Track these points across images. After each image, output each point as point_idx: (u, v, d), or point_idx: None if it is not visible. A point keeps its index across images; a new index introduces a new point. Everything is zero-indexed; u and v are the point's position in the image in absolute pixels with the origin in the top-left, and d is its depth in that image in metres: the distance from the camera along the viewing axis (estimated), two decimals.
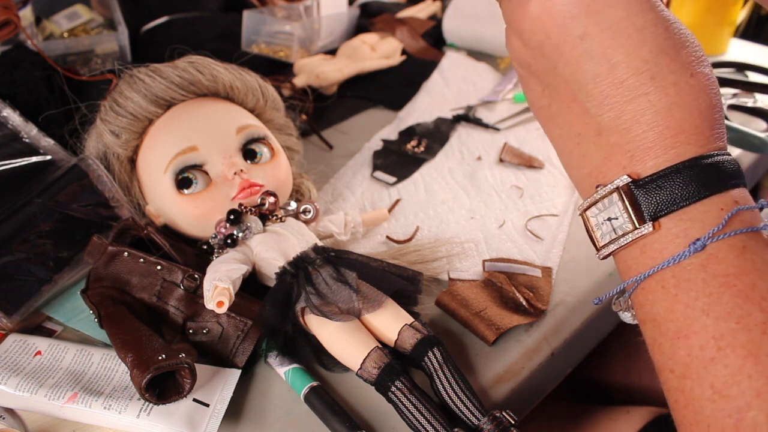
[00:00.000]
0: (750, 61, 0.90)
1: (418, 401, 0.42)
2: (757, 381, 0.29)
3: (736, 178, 0.34)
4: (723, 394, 0.30)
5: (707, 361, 0.31)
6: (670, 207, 0.33)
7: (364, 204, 0.67)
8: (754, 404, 0.29)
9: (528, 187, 0.70)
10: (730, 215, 0.32)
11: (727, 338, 0.30)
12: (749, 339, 0.30)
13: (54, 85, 0.68)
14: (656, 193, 0.34)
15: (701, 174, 0.33)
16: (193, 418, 0.43)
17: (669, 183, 0.34)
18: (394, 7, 1.11)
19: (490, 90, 0.90)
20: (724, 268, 0.32)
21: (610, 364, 0.78)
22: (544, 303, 0.54)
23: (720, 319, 0.31)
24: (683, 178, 0.33)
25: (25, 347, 0.48)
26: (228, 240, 0.52)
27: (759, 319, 0.30)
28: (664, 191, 0.34)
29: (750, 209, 0.33)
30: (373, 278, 0.49)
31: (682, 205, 0.33)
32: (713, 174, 0.33)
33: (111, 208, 0.56)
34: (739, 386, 0.30)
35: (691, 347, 0.32)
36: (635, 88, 0.35)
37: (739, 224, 0.32)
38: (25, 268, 0.52)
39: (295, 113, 0.70)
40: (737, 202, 0.33)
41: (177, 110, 0.57)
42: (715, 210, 0.33)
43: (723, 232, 0.32)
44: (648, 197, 0.34)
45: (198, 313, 0.49)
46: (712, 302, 0.31)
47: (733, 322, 0.31)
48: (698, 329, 0.32)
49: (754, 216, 0.33)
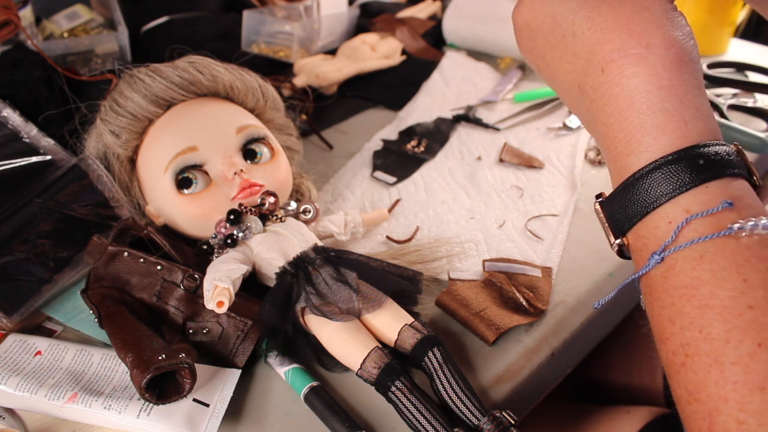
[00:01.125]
0: (750, 61, 0.90)
1: (418, 401, 0.42)
2: (723, 388, 0.29)
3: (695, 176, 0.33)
4: (695, 398, 0.31)
5: (679, 366, 0.32)
6: (629, 223, 0.35)
7: (364, 204, 0.67)
8: (722, 409, 0.29)
9: (528, 187, 0.70)
10: (679, 227, 0.32)
11: (692, 347, 0.31)
12: (712, 348, 0.30)
13: (54, 85, 0.68)
14: (617, 210, 0.35)
15: (647, 186, 0.33)
16: (193, 418, 0.43)
17: (624, 198, 0.35)
18: (394, 7, 1.11)
19: (490, 90, 0.90)
20: (682, 279, 0.32)
21: (610, 364, 0.78)
22: (544, 303, 0.54)
23: (684, 328, 0.32)
24: (633, 192, 0.34)
25: (25, 347, 0.48)
26: (228, 240, 0.52)
27: (720, 329, 0.30)
28: (622, 207, 0.35)
29: (708, 215, 0.32)
30: (373, 278, 0.49)
31: (634, 221, 0.34)
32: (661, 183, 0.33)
33: (111, 208, 0.56)
34: (707, 392, 0.30)
35: (667, 352, 0.33)
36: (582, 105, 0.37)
37: (693, 234, 0.32)
38: (25, 268, 0.52)
39: (295, 113, 0.70)
40: (688, 211, 0.32)
41: (177, 110, 0.57)
42: (663, 225, 0.33)
43: (674, 244, 0.32)
44: (613, 214, 0.36)
45: (198, 313, 0.49)
46: (676, 312, 0.32)
47: (696, 331, 0.31)
48: (669, 336, 0.33)
49: (716, 220, 0.32)
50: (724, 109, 0.75)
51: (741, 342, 0.29)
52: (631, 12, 0.35)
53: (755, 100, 0.81)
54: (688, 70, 0.34)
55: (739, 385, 0.29)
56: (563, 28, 0.36)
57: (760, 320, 0.30)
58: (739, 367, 0.29)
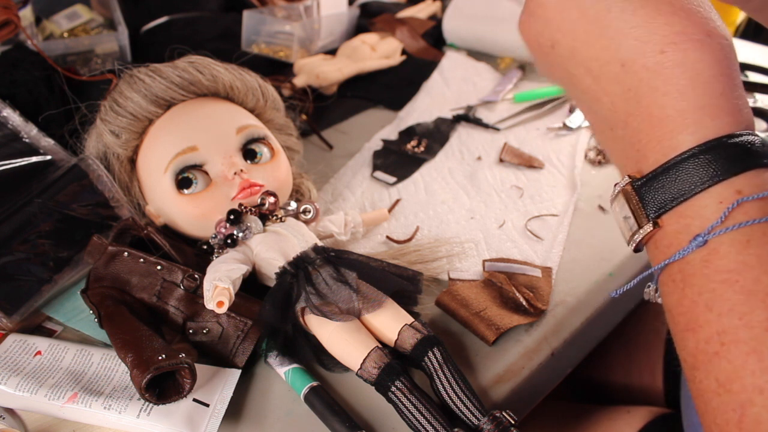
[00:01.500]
0: (750, 61, 0.90)
1: (418, 401, 0.42)
2: (760, 378, 0.29)
3: (746, 160, 0.32)
4: (727, 389, 0.30)
5: (712, 355, 0.31)
6: (670, 203, 0.33)
7: (364, 204, 0.67)
8: (756, 401, 0.29)
9: (528, 187, 0.70)
10: (730, 208, 0.31)
11: (730, 334, 0.30)
12: (752, 336, 0.30)
13: (54, 85, 0.68)
14: (657, 191, 0.34)
15: (698, 165, 0.32)
16: (193, 418, 0.43)
17: (667, 178, 0.33)
18: (394, 7, 1.11)
19: (490, 90, 0.90)
20: (726, 263, 0.31)
21: (610, 364, 0.78)
22: (544, 303, 0.54)
23: (722, 315, 0.31)
24: (680, 172, 0.33)
25: (25, 347, 0.48)
26: (228, 240, 0.52)
27: (762, 316, 0.30)
28: (664, 188, 0.33)
29: (758, 198, 0.31)
30: (373, 278, 0.49)
31: (680, 200, 0.33)
32: (713, 163, 0.32)
33: (111, 208, 0.56)
34: (742, 382, 0.29)
35: (698, 341, 0.32)
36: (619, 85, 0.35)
37: (742, 216, 0.31)
38: (25, 268, 0.52)
39: (295, 113, 0.70)
40: (740, 192, 0.32)
41: (177, 110, 0.57)
42: (713, 204, 0.32)
43: (723, 226, 0.31)
44: (650, 195, 0.34)
45: (198, 313, 0.49)
46: (715, 298, 0.31)
47: (736, 318, 0.30)
48: (703, 324, 0.32)
49: (762, 206, 0.32)
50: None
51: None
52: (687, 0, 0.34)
53: (755, 100, 0.81)
54: (735, 61, 0.34)
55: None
56: (609, 2, 0.35)
57: None
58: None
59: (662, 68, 0.33)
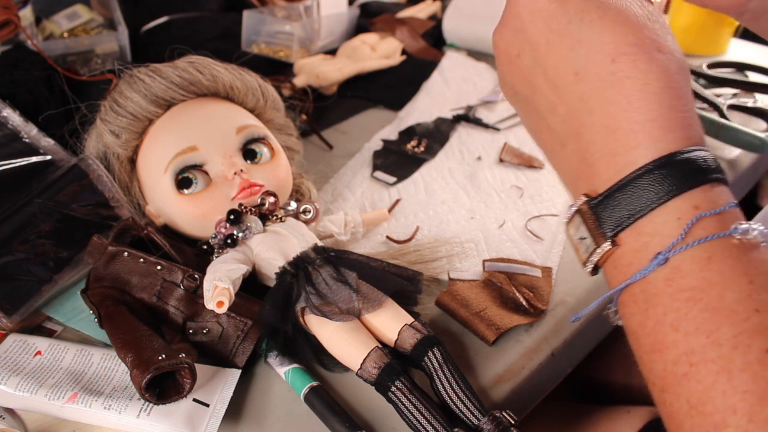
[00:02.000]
0: (750, 61, 0.90)
1: (418, 401, 0.42)
2: (732, 397, 0.28)
3: (700, 175, 0.32)
4: (699, 410, 0.29)
5: (681, 377, 0.30)
6: (627, 220, 0.33)
7: (364, 204, 0.67)
8: (730, 421, 0.28)
9: (528, 187, 0.70)
10: (690, 224, 0.31)
11: (698, 354, 0.30)
12: (720, 354, 0.29)
13: (54, 85, 0.68)
14: (613, 208, 0.33)
15: (653, 181, 0.32)
16: (193, 418, 0.43)
17: (623, 195, 0.33)
18: (394, 7, 1.11)
19: (490, 90, 0.90)
20: (689, 281, 0.31)
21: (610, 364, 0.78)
22: (544, 303, 0.54)
23: (689, 334, 0.30)
24: (636, 188, 0.32)
25: (25, 347, 0.48)
26: (228, 240, 0.52)
27: (729, 334, 0.29)
28: (620, 205, 0.33)
29: (716, 213, 0.31)
30: (373, 278, 0.49)
31: (638, 216, 0.32)
32: (668, 178, 0.32)
33: (111, 208, 0.56)
34: (714, 403, 0.29)
35: (666, 362, 0.31)
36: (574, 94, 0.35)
37: (702, 232, 0.31)
38: (25, 268, 0.52)
39: (295, 113, 0.70)
40: (698, 208, 0.31)
41: (177, 110, 0.57)
42: (672, 220, 0.31)
43: (683, 243, 0.31)
44: (606, 213, 0.34)
45: (198, 313, 0.49)
46: (680, 317, 0.30)
47: (703, 337, 0.29)
48: (669, 345, 0.31)
49: (722, 220, 0.31)
50: (724, 109, 0.75)
51: (749, 347, 0.28)
52: (642, 16, 0.35)
53: (755, 100, 0.81)
54: (688, 76, 0.35)
55: (748, 394, 0.28)
56: (570, 15, 0.36)
57: (766, 324, 0.29)
58: (748, 374, 0.28)
59: (613, 78, 0.34)
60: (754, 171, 0.80)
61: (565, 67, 0.36)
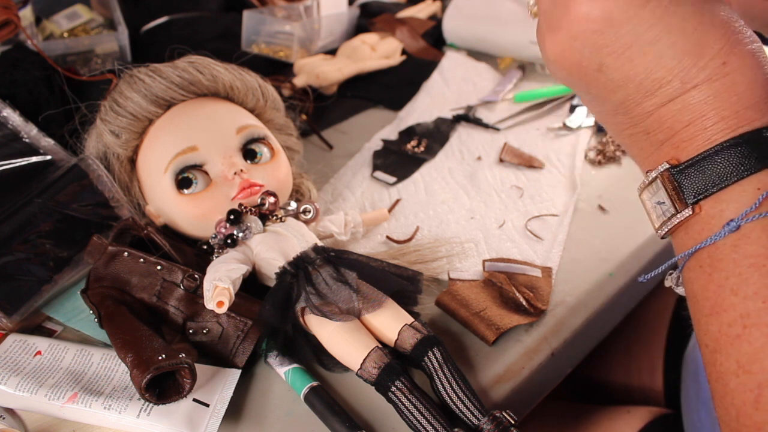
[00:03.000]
0: None
1: (418, 401, 0.42)
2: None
3: None
4: (746, 370, 0.31)
5: (734, 338, 0.32)
6: (710, 189, 0.34)
7: (364, 204, 0.67)
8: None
9: (528, 187, 0.70)
10: (764, 195, 0.32)
11: (753, 317, 0.31)
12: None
13: (54, 85, 0.68)
14: (696, 177, 0.35)
15: (740, 153, 0.33)
16: (193, 418, 0.43)
17: (708, 165, 0.34)
18: (394, 7, 1.11)
19: (490, 90, 0.90)
20: (755, 248, 0.32)
21: (610, 364, 0.78)
22: (544, 303, 0.54)
23: (747, 298, 0.32)
24: (721, 159, 0.34)
25: (25, 347, 0.48)
26: (228, 240, 0.52)
27: None
28: (703, 174, 0.34)
29: None
30: (373, 278, 0.49)
31: (721, 186, 0.34)
32: (753, 152, 0.33)
33: (111, 208, 0.56)
34: (761, 363, 0.31)
35: (721, 324, 0.33)
36: (668, 94, 0.36)
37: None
38: (25, 268, 0.52)
39: (295, 113, 0.70)
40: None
41: (177, 110, 0.57)
42: (751, 190, 0.33)
43: (757, 212, 0.32)
44: (689, 181, 0.35)
45: (198, 313, 0.49)
46: (741, 282, 0.32)
47: (760, 301, 0.31)
48: (727, 307, 0.33)
49: None
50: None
51: None
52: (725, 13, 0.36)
53: None
54: None
55: None
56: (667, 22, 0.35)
57: None
58: None
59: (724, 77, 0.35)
60: None
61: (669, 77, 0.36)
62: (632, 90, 0.37)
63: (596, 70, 0.37)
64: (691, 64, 0.35)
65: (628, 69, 0.36)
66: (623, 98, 0.37)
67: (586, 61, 0.37)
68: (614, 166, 0.73)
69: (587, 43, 0.37)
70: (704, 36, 0.35)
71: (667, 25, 0.35)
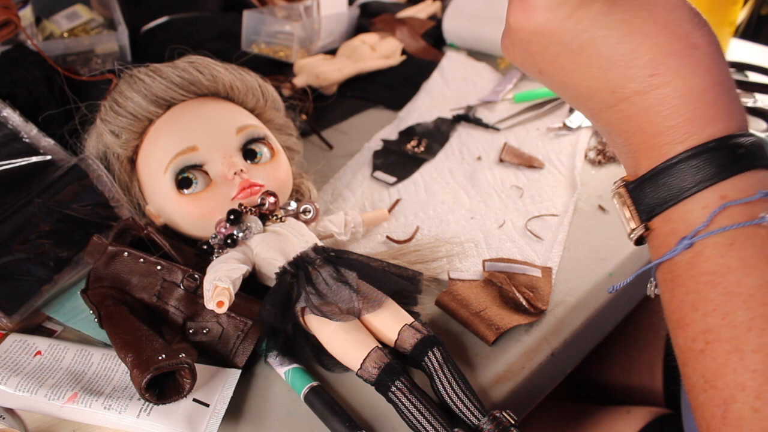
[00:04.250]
0: (750, 61, 0.90)
1: (418, 401, 0.42)
2: (742, 375, 0.30)
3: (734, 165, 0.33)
4: (712, 385, 0.31)
5: (698, 353, 0.32)
6: (660, 207, 0.35)
7: (364, 204, 0.67)
8: (738, 397, 0.30)
9: (528, 187, 0.70)
10: (714, 213, 0.32)
11: (714, 333, 0.31)
12: (734, 335, 0.31)
13: (54, 85, 0.68)
14: (647, 195, 0.35)
15: (685, 171, 0.33)
16: (193, 418, 0.43)
17: (657, 182, 0.35)
18: (394, 7, 1.11)
19: (490, 90, 0.90)
20: (709, 266, 0.32)
21: (610, 364, 0.78)
22: (544, 303, 0.54)
23: (707, 315, 0.32)
24: (668, 177, 0.34)
25: (25, 347, 0.48)
26: (228, 240, 0.52)
27: (744, 317, 0.31)
28: (654, 192, 0.35)
29: (743, 203, 0.32)
30: (373, 278, 0.49)
31: (669, 205, 0.34)
32: (700, 169, 0.33)
33: (111, 208, 0.56)
34: (725, 379, 0.31)
35: (686, 338, 0.33)
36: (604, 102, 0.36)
37: (726, 220, 0.32)
38: (25, 268, 0.52)
39: (295, 113, 0.70)
40: (725, 198, 0.33)
41: (177, 110, 0.57)
42: (697, 209, 0.33)
43: (707, 230, 0.33)
44: (641, 199, 0.36)
45: (198, 313, 0.49)
46: (699, 298, 0.32)
47: (719, 318, 0.31)
48: (690, 322, 0.33)
49: (749, 209, 0.32)
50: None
51: (763, 331, 0.30)
52: (667, 13, 0.35)
53: (755, 100, 0.81)
54: (726, 64, 0.35)
55: (758, 373, 0.29)
56: (591, 33, 0.35)
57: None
58: (760, 355, 0.30)
59: (653, 89, 0.34)
60: None
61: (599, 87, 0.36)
62: (573, 94, 0.38)
63: (538, 72, 0.39)
64: (618, 75, 0.35)
65: (562, 76, 0.37)
66: (570, 101, 0.38)
67: (527, 65, 0.39)
68: (614, 166, 0.73)
69: (523, 50, 0.38)
70: (631, 46, 0.34)
71: (591, 35, 0.35)
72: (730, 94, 0.35)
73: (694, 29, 0.35)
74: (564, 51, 0.36)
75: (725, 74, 0.35)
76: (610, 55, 0.35)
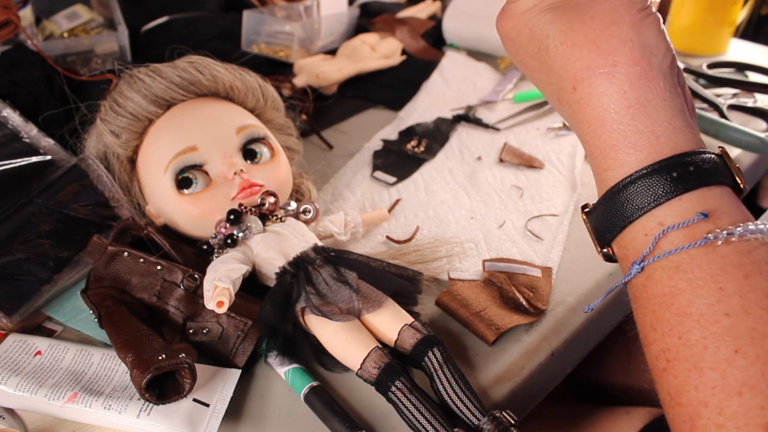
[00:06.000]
0: (750, 61, 0.90)
1: (418, 401, 0.42)
2: (703, 392, 0.30)
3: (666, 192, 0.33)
4: (677, 402, 0.32)
5: (661, 371, 0.33)
6: (610, 234, 0.36)
7: (364, 204, 0.67)
8: (702, 413, 0.30)
9: (528, 187, 0.70)
10: (655, 239, 0.33)
11: (673, 352, 0.32)
12: (691, 354, 0.31)
13: (54, 85, 0.68)
14: (600, 221, 0.37)
15: (624, 199, 0.34)
16: (193, 418, 0.43)
17: (603, 212, 0.36)
18: (394, 7, 1.11)
19: (490, 90, 0.90)
20: (660, 288, 0.33)
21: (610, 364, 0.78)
22: (544, 303, 0.54)
23: (665, 334, 0.33)
24: (611, 207, 0.35)
25: (25, 347, 0.48)
26: (228, 240, 0.52)
27: (698, 336, 0.31)
28: (604, 219, 0.36)
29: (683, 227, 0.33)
30: (373, 278, 0.49)
31: (615, 233, 0.36)
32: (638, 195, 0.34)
33: (111, 208, 0.56)
34: (688, 396, 0.31)
35: (650, 356, 0.34)
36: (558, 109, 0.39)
37: (668, 245, 0.33)
38: (25, 268, 0.52)
39: (295, 113, 0.70)
40: (662, 224, 0.33)
41: (177, 110, 0.57)
42: (640, 236, 0.34)
43: (652, 255, 0.34)
44: (596, 225, 0.37)
45: (198, 313, 0.49)
46: (657, 319, 0.33)
47: (675, 338, 0.32)
48: (651, 341, 0.34)
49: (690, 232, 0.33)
50: (724, 109, 0.75)
51: (718, 348, 0.30)
52: (600, 28, 0.35)
53: (755, 100, 0.81)
54: (657, 84, 0.35)
55: (718, 389, 0.30)
56: (539, 41, 0.37)
57: (736, 327, 0.30)
58: (717, 372, 0.30)
59: (578, 106, 0.36)
60: (754, 171, 0.80)
61: (549, 92, 0.38)
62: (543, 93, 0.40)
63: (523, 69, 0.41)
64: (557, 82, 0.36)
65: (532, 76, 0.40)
66: None
67: (516, 63, 0.42)
68: None
69: (509, 50, 0.41)
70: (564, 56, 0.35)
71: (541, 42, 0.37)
72: (655, 115, 0.34)
73: (621, 45, 0.35)
74: (527, 54, 0.38)
75: (649, 93, 0.34)
76: (550, 63, 0.36)
